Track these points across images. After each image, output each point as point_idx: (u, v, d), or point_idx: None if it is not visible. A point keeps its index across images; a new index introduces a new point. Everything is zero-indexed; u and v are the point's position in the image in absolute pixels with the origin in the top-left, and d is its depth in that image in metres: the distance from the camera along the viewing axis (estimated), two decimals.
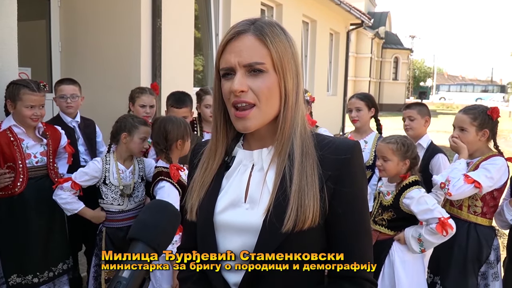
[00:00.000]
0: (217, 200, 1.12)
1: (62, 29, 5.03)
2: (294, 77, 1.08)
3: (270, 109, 1.06)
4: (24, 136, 2.79)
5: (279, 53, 1.04)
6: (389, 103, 29.35)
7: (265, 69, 1.03)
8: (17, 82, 2.75)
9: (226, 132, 1.15)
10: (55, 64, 5.02)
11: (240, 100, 1.03)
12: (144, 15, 4.73)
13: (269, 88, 1.04)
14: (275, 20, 1.11)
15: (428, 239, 2.37)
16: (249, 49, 1.03)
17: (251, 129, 1.06)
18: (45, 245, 2.85)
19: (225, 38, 1.06)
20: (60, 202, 2.72)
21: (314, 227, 1.02)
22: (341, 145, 1.08)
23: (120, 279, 0.76)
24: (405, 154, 2.53)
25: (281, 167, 1.06)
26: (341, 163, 1.05)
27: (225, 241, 1.10)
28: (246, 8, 6.98)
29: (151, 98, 3.37)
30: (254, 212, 1.07)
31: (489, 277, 2.59)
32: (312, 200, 1.01)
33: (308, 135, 1.10)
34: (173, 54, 5.18)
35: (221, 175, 1.15)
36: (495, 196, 2.59)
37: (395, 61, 31.06)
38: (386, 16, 30.17)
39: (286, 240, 1.01)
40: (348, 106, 3.38)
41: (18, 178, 2.74)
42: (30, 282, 2.78)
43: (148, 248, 0.82)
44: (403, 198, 2.48)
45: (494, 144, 2.66)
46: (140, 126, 2.77)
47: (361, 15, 12.39)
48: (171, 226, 0.88)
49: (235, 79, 1.03)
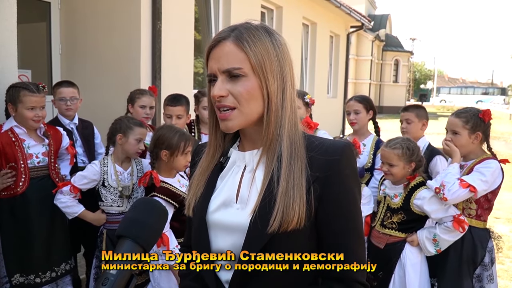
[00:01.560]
0: (210, 199, 1.15)
1: (62, 31, 5.05)
2: (278, 79, 1.09)
3: (252, 111, 1.09)
4: (25, 137, 2.81)
5: (258, 56, 1.06)
6: (389, 106, 29.37)
7: (243, 73, 1.06)
8: (17, 85, 2.78)
9: (222, 134, 1.19)
10: (55, 66, 5.03)
11: (221, 105, 1.08)
12: (144, 17, 4.74)
13: (248, 91, 1.07)
14: (262, 24, 1.13)
15: (444, 237, 2.40)
16: (227, 55, 1.07)
17: (233, 128, 1.10)
18: (47, 245, 2.87)
19: (208, 46, 1.11)
20: (61, 206, 2.76)
21: (300, 228, 1.03)
22: (331, 147, 1.10)
23: (108, 275, 0.78)
24: (411, 157, 2.56)
25: (269, 168, 1.08)
26: (329, 164, 1.06)
27: (217, 240, 1.13)
28: (246, 11, 6.99)
29: (151, 100, 3.39)
30: (243, 212, 1.09)
31: (484, 279, 2.60)
32: (298, 202, 1.03)
33: (298, 137, 1.10)
34: (173, 56, 5.20)
35: (216, 175, 1.18)
36: (489, 198, 2.60)
37: (395, 63, 31.08)
38: (386, 18, 30.21)
39: (271, 240, 1.03)
40: (346, 108, 3.38)
41: (20, 178, 2.76)
42: (33, 282, 2.79)
43: (135, 245, 0.83)
44: (413, 199, 2.50)
45: (488, 146, 2.67)
46: (135, 127, 2.77)
47: (361, 18, 12.41)
48: (159, 223, 0.91)
49: (215, 85, 1.08)
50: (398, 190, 2.62)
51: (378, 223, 2.69)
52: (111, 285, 0.77)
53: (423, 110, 3.24)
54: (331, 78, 12.33)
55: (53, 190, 2.76)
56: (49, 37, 4.99)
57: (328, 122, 10.37)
